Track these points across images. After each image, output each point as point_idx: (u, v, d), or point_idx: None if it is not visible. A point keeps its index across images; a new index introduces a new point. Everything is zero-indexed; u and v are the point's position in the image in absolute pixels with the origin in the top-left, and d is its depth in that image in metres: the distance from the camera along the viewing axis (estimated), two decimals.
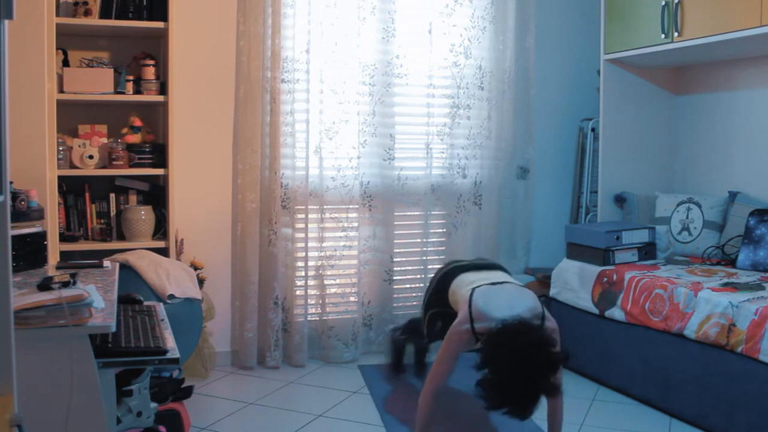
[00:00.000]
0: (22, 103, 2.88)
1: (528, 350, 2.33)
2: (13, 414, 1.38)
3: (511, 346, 2.35)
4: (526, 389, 2.30)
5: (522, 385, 2.29)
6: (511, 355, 2.32)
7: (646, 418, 3.24)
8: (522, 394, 2.30)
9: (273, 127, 3.87)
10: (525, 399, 2.30)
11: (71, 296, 1.88)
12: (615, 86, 4.23)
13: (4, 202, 1.37)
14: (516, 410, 2.31)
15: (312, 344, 4.09)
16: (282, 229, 3.94)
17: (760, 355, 2.76)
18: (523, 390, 2.29)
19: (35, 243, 2.56)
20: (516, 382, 2.29)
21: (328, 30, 3.99)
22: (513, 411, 2.31)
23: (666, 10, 3.69)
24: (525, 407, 2.31)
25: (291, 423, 3.17)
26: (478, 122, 4.31)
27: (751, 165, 3.93)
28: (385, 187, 4.16)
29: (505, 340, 2.38)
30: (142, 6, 3.52)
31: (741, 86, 4.00)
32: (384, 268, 4.18)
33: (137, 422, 2.35)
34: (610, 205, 4.30)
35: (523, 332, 2.39)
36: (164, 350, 2.03)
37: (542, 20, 4.49)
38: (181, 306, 3.18)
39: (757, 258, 3.50)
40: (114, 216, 3.63)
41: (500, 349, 2.37)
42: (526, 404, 2.30)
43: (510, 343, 2.36)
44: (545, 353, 2.34)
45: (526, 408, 2.31)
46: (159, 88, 3.59)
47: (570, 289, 3.86)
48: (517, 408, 2.31)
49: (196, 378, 3.69)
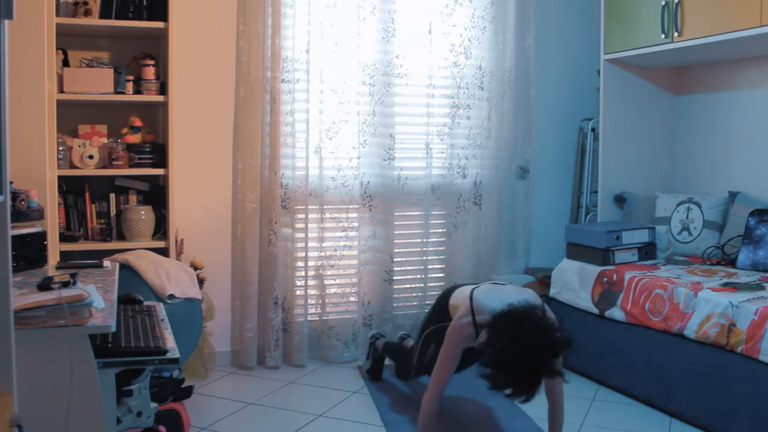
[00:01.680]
0: (22, 103, 2.88)
1: (532, 332, 2.36)
2: (13, 414, 1.38)
3: (516, 327, 2.38)
4: (529, 370, 2.32)
5: (525, 366, 2.32)
6: (516, 336, 2.36)
7: (646, 418, 3.24)
8: (525, 375, 2.32)
9: (273, 127, 3.88)
10: (527, 379, 2.33)
11: (71, 296, 1.88)
12: (615, 86, 4.23)
13: (4, 202, 1.37)
14: (518, 391, 2.34)
15: (312, 344, 4.09)
16: (282, 229, 3.94)
17: (760, 355, 2.76)
18: (526, 370, 2.32)
19: (35, 243, 2.56)
20: (519, 363, 2.32)
21: (328, 30, 3.99)
22: (515, 392, 2.34)
23: (666, 10, 3.69)
24: (527, 388, 2.33)
25: (291, 423, 3.17)
26: (478, 122, 4.31)
27: (751, 165, 3.93)
28: (385, 187, 4.16)
29: (510, 322, 2.42)
30: (142, 6, 3.52)
31: (741, 86, 3.99)
32: (384, 268, 4.18)
33: (137, 422, 2.34)
34: (610, 205, 4.30)
35: (528, 315, 2.43)
36: (164, 350, 2.03)
37: (542, 20, 4.49)
38: (181, 306, 3.18)
39: (757, 258, 3.50)
40: (114, 216, 3.63)
41: (505, 329, 2.40)
42: (529, 385, 2.33)
43: (515, 324, 2.40)
44: (549, 335, 2.37)
45: (529, 389, 2.33)
46: (159, 88, 3.59)
47: (570, 289, 3.86)
48: (520, 388, 2.33)
49: (196, 378, 3.69)
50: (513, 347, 2.34)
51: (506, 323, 2.43)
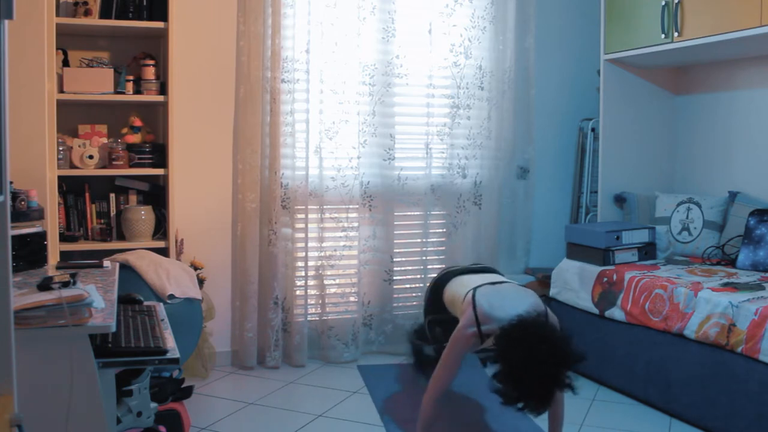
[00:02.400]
0: (22, 103, 2.88)
1: (543, 345, 2.33)
2: (13, 414, 1.38)
3: (527, 341, 2.35)
4: (542, 384, 2.30)
5: (537, 380, 2.29)
6: (527, 350, 2.32)
7: (646, 418, 3.24)
8: (537, 389, 2.30)
9: (273, 127, 3.87)
10: (540, 394, 2.31)
11: (71, 296, 1.88)
12: (615, 86, 4.23)
13: (4, 202, 1.37)
14: (532, 405, 2.32)
15: (312, 344, 4.09)
16: (282, 229, 3.94)
17: (760, 355, 2.76)
18: (539, 385, 2.30)
19: (35, 243, 2.56)
20: (531, 378, 2.30)
21: (328, 30, 3.99)
22: (529, 406, 2.32)
23: (666, 10, 3.69)
24: (540, 402, 2.31)
25: (291, 423, 3.17)
26: (478, 122, 4.31)
27: (751, 165, 3.93)
28: (385, 187, 4.16)
29: (521, 335, 2.38)
30: (142, 6, 3.52)
31: (741, 86, 3.99)
32: (384, 268, 4.18)
33: (137, 422, 2.34)
34: (610, 205, 4.30)
35: (538, 326, 2.41)
36: (164, 350, 2.03)
37: (542, 20, 4.49)
38: (181, 306, 3.18)
39: (757, 258, 3.50)
40: (114, 216, 3.63)
41: (515, 343, 2.37)
42: (542, 399, 2.31)
43: (526, 337, 2.36)
44: (560, 349, 2.35)
45: (542, 403, 2.31)
46: (159, 88, 3.59)
47: (570, 289, 3.86)
48: (533, 402, 2.31)
49: (196, 378, 3.69)
50: (525, 362, 2.31)
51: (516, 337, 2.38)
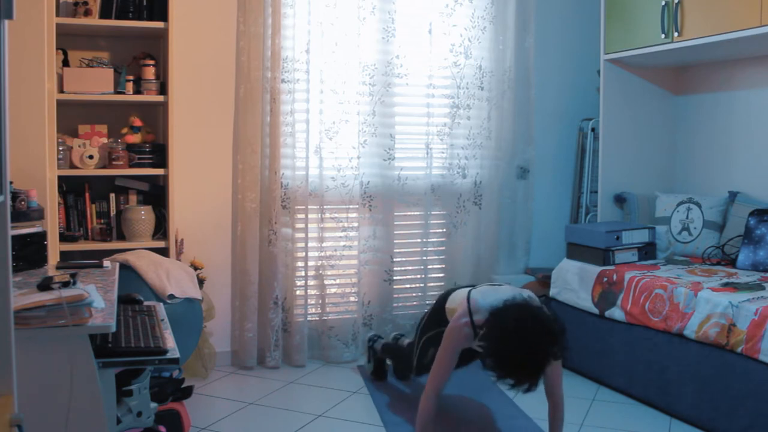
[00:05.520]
0: (22, 103, 2.88)
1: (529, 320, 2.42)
2: (13, 414, 1.38)
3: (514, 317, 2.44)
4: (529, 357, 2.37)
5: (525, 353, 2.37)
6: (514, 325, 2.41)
7: (646, 418, 3.24)
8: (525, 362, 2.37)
9: (273, 127, 3.87)
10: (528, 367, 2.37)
11: (71, 296, 1.88)
12: (615, 86, 4.23)
13: (4, 202, 1.37)
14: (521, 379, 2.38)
15: (312, 344, 4.09)
16: (282, 229, 3.94)
17: (760, 355, 2.76)
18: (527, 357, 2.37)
19: (35, 243, 2.56)
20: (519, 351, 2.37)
21: (328, 30, 3.99)
22: (518, 381, 2.38)
23: (666, 10, 3.69)
24: (529, 375, 2.37)
25: (291, 423, 3.17)
26: (478, 122, 4.31)
27: (751, 165, 3.93)
28: (385, 187, 4.16)
29: (507, 313, 2.49)
30: (142, 6, 3.52)
31: (741, 86, 4.00)
32: (384, 268, 4.18)
33: (137, 422, 2.34)
34: (610, 205, 4.30)
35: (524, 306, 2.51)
36: (164, 350, 2.03)
37: (542, 20, 4.49)
38: (181, 306, 3.18)
39: (757, 258, 3.50)
40: (114, 216, 3.63)
41: (503, 320, 2.46)
42: (530, 372, 2.37)
43: (512, 314, 2.46)
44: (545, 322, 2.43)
45: (531, 376, 2.37)
46: (159, 88, 3.59)
47: (570, 289, 3.86)
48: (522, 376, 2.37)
49: (196, 378, 3.69)
50: (512, 336, 2.40)
51: (504, 314, 2.49)
